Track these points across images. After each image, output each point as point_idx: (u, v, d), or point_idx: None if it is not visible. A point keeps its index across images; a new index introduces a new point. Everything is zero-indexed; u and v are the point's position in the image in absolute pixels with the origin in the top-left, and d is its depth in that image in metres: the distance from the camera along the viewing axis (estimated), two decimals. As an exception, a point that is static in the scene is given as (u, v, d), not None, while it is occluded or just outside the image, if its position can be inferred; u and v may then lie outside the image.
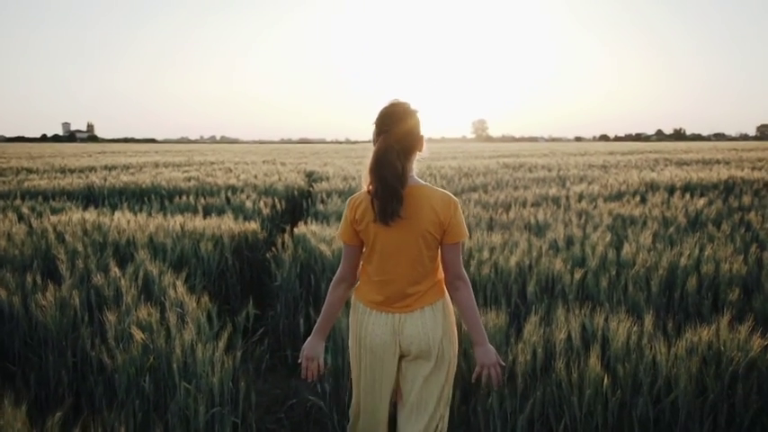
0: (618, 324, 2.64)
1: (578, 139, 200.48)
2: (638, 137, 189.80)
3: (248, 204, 7.15)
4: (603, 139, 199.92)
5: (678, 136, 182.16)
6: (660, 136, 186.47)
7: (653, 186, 8.18)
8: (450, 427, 2.47)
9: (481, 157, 21.41)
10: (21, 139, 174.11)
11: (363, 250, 2.25)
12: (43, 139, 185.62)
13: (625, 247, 4.12)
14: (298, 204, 8.80)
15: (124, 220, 5.39)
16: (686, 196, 6.75)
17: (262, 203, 7.17)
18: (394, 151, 2.05)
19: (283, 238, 4.86)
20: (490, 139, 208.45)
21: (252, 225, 5.64)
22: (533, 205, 6.67)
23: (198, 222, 5.45)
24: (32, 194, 8.43)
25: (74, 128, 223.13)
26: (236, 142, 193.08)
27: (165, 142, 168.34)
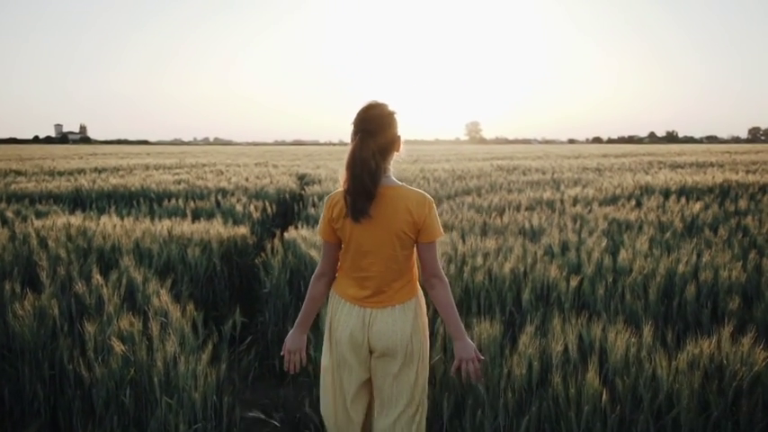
0: (616, 335, 2.55)
1: (571, 141, 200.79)
2: (631, 139, 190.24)
3: (238, 208, 7.04)
4: (596, 141, 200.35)
5: (670, 138, 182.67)
6: (653, 138, 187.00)
7: (648, 190, 8.11)
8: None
9: (475, 160, 21.35)
10: (12, 141, 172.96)
11: (341, 247, 2.30)
12: (35, 140, 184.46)
13: (621, 253, 4.03)
14: (289, 207, 8.69)
15: (110, 224, 5.27)
16: (682, 200, 6.68)
17: (252, 207, 7.06)
18: (370, 150, 2.10)
19: (273, 243, 4.75)
20: (484, 141, 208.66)
21: (241, 230, 5.53)
22: (528, 209, 6.58)
23: (186, 227, 5.33)
24: (19, 197, 8.28)
25: (66, 129, 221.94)
26: (229, 144, 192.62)
27: (158, 144, 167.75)
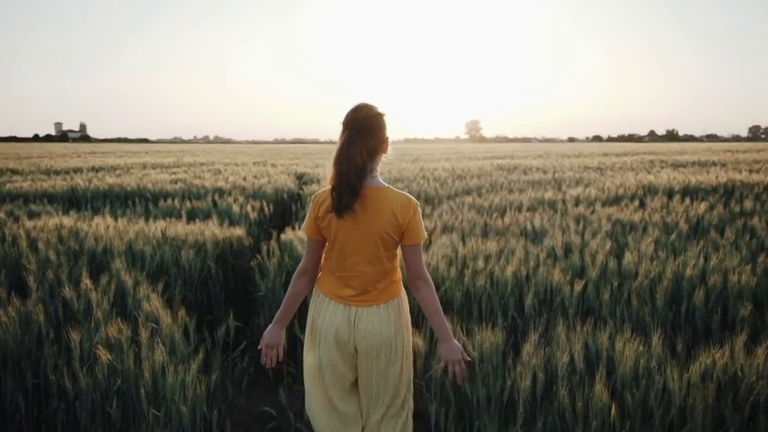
0: (624, 344, 2.44)
1: (571, 140, 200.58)
2: (631, 137, 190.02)
3: (235, 208, 6.91)
4: (596, 139, 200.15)
5: (671, 137, 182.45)
6: (653, 137, 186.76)
7: (651, 190, 8.00)
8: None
9: (475, 159, 21.23)
10: (12, 139, 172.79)
11: (326, 245, 2.33)
12: (35, 139, 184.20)
13: (626, 256, 3.92)
14: (287, 207, 8.57)
15: (103, 225, 5.15)
16: (686, 200, 6.56)
17: (249, 207, 6.94)
18: (357, 146, 2.12)
19: (269, 244, 4.64)
20: (484, 140, 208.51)
21: (237, 231, 5.40)
22: (529, 210, 6.46)
23: (180, 228, 5.21)
24: (13, 197, 8.16)
25: (66, 128, 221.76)
26: (229, 142, 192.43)
27: (158, 142, 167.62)
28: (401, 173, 11.59)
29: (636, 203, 6.52)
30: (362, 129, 2.16)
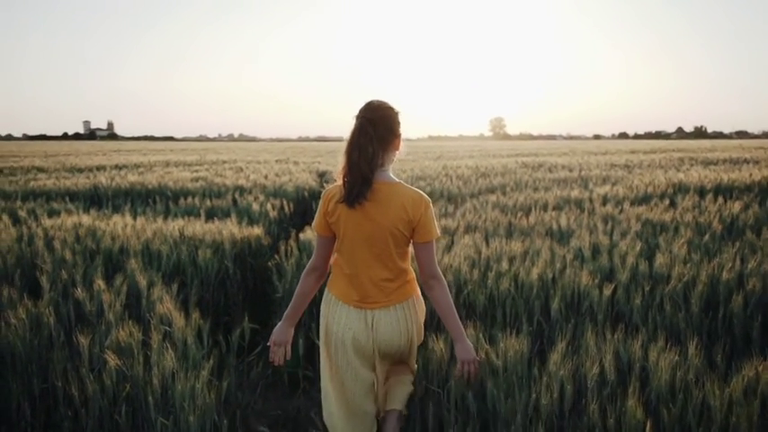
0: (658, 354, 2.28)
1: (597, 137, 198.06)
2: (659, 134, 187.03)
3: (255, 207, 6.83)
4: (623, 136, 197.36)
5: (699, 133, 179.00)
6: (681, 134, 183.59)
7: (681, 188, 7.75)
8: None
9: (499, 156, 20.99)
10: (42, 138, 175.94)
11: (336, 242, 2.31)
12: (64, 137, 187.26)
13: (658, 258, 3.73)
14: (308, 206, 8.48)
15: (121, 224, 5.10)
16: (719, 199, 6.32)
17: (269, 206, 6.85)
18: (369, 136, 2.11)
19: (287, 244, 4.53)
20: (508, 137, 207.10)
21: (255, 230, 5.31)
22: (555, 209, 6.27)
23: (198, 227, 5.14)
24: (36, 195, 8.18)
25: (94, 126, 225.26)
26: (253, 140, 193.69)
27: (183, 140, 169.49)
28: (423, 171, 11.44)
29: (666, 202, 6.30)
30: (374, 119, 2.15)
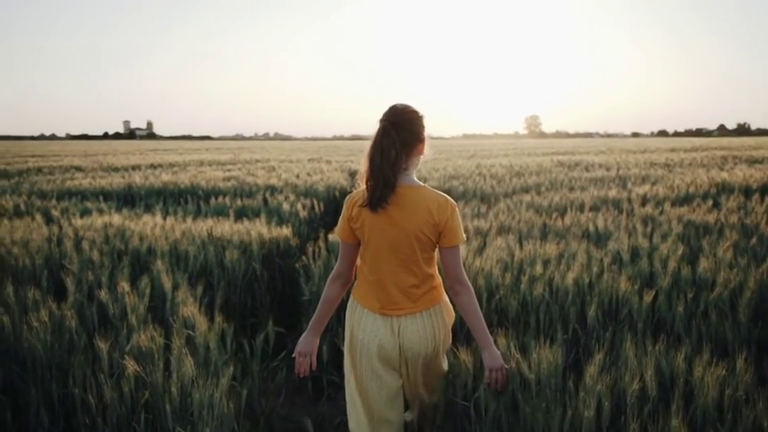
0: (704, 369, 2.12)
1: (635, 135, 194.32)
2: (699, 132, 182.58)
3: (285, 207, 6.78)
4: (662, 134, 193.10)
5: (742, 131, 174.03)
6: (722, 131, 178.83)
7: (725, 188, 7.45)
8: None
9: (534, 155, 20.68)
10: (84, 137, 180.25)
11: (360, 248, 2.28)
12: (105, 136, 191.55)
13: (701, 262, 3.54)
14: (339, 206, 8.40)
15: (150, 225, 5.09)
16: (766, 200, 6.04)
17: (300, 205, 6.79)
18: (392, 138, 2.08)
19: (315, 245, 4.45)
20: (543, 135, 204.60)
21: (284, 230, 5.24)
22: (592, 209, 6.07)
23: (227, 227, 5.10)
24: (72, 194, 8.29)
25: (134, 126, 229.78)
26: (288, 139, 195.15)
27: (219, 139, 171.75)
28: (457, 170, 11.28)
29: (709, 203, 6.04)
30: (397, 122, 2.12)
